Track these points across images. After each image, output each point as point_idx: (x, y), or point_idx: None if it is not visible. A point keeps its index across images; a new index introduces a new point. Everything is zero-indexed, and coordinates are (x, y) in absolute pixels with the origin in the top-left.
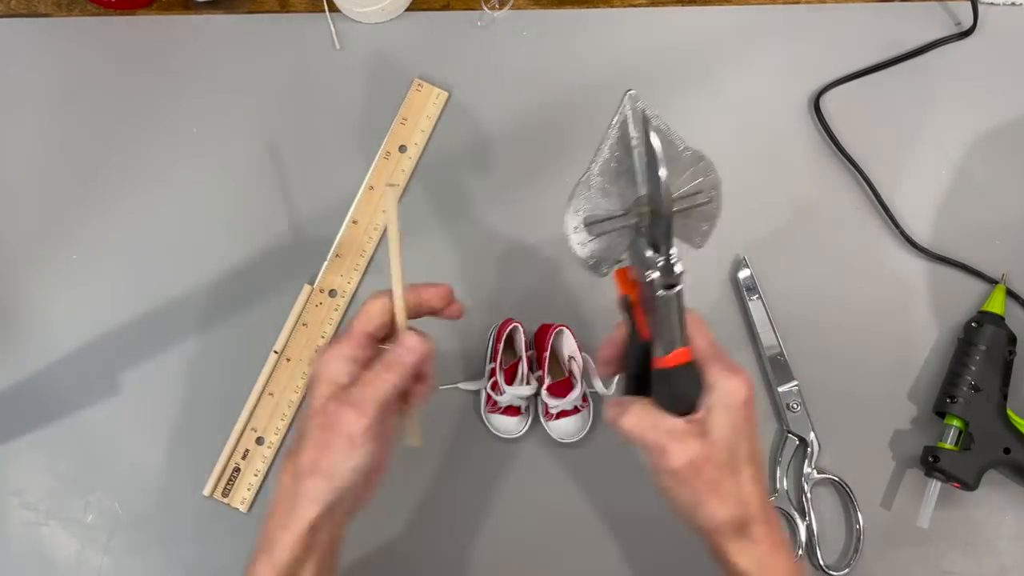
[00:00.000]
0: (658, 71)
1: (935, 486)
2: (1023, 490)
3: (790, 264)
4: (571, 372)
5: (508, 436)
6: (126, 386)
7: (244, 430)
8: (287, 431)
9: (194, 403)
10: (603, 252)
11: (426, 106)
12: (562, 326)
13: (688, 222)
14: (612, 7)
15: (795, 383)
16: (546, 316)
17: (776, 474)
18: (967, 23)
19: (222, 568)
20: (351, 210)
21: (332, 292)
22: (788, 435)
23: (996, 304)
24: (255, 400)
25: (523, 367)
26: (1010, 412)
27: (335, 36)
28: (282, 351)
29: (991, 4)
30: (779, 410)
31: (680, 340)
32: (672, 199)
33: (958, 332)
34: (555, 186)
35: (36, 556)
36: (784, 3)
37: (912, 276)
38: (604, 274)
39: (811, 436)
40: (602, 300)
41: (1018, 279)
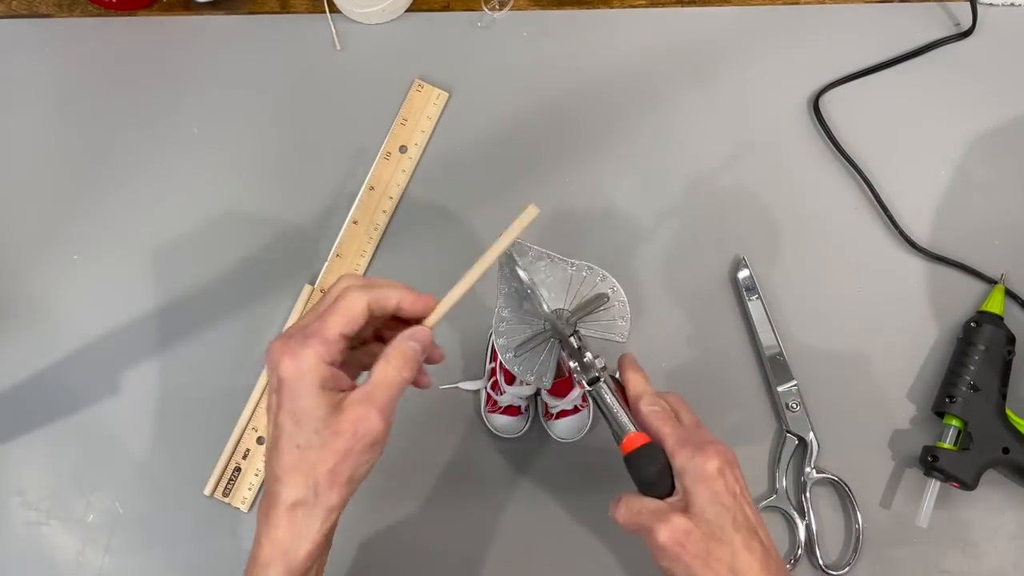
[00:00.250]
0: (658, 71)
1: (934, 486)
2: (1022, 490)
3: (789, 264)
4: (571, 372)
5: (508, 436)
6: (127, 386)
7: (245, 430)
8: None
9: (195, 403)
10: (539, 367)
11: (426, 106)
12: None
13: (600, 322)
14: (612, 7)
15: (794, 383)
16: None
17: (775, 474)
18: (966, 23)
19: (222, 568)
20: (351, 210)
21: None
22: (787, 435)
23: (995, 304)
24: (256, 400)
25: None
26: (1009, 412)
27: (335, 37)
28: None
29: (990, 5)
30: (778, 410)
31: (629, 426)
32: (565, 319)
33: (957, 332)
34: (555, 186)
35: (37, 555)
36: (784, 3)
37: (911, 276)
38: (548, 384)
39: (810, 436)
40: None
41: (1017, 279)
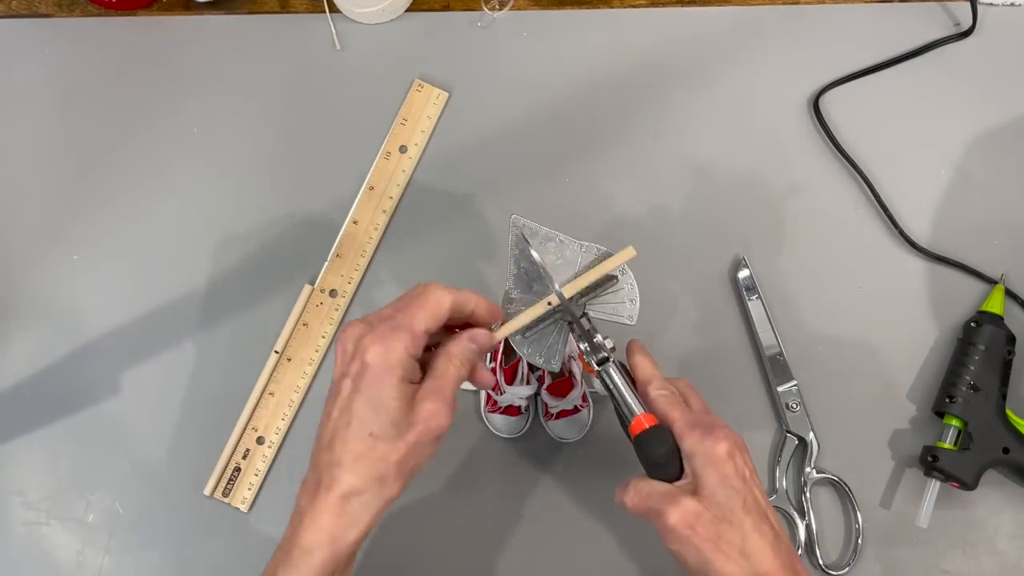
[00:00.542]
0: (658, 71)
1: (934, 486)
2: (1022, 490)
3: (790, 264)
4: (571, 372)
5: (508, 436)
6: (127, 386)
7: (245, 430)
8: (287, 431)
9: (195, 403)
10: (546, 349)
11: (426, 106)
12: None
13: (608, 304)
14: (612, 7)
15: (794, 383)
16: None
17: (775, 474)
18: (966, 23)
19: (222, 568)
20: (351, 210)
21: (333, 292)
22: (787, 435)
23: (995, 304)
24: (256, 400)
25: (523, 367)
26: (1009, 412)
27: (335, 36)
28: (283, 351)
29: (990, 4)
30: (778, 410)
31: (637, 407)
32: (574, 299)
33: (957, 332)
34: (555, 186)
35: (37, 555)
36: (784, 3)
37: (911, 276)
38: (556, 367)
39: (810, 436)
40: None
41: (1017, 279)
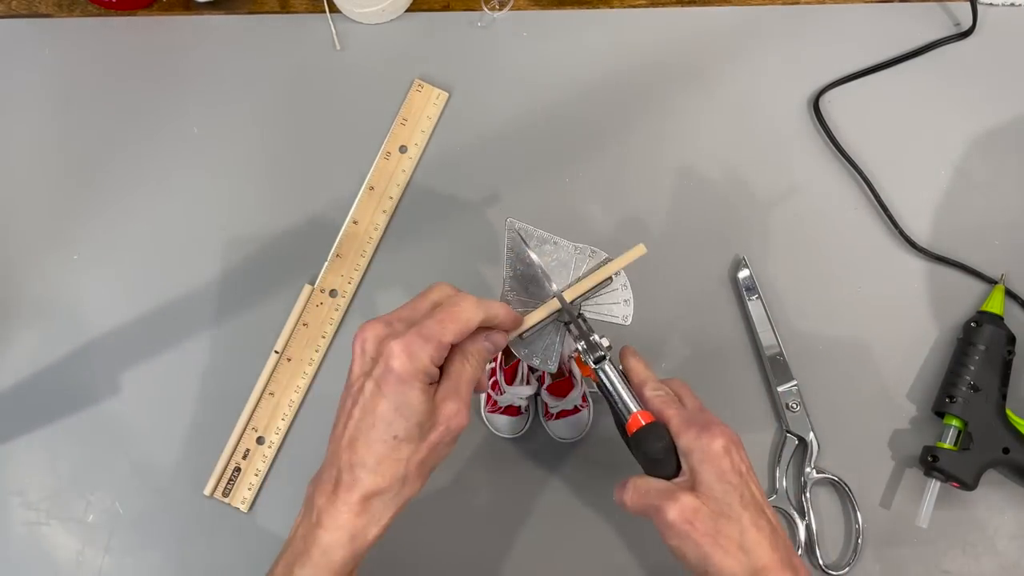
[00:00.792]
0: (658, 71)
1: (934, 486)
2: (1022, 490)
3: (789, 264)
4: (571, 372)
5: (508, 436)
6: (127, 386)
7: (245, 430)
8: (287, 431)
9: (195, 403)
10: (542, 350)
11: (426, 107)
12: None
13: (604, 305)
14: (612, 8)
15: (794, 383)
16: None
17: (775, 474)
18: (966, 23)
19: (222, 568)
20: (351, 210)
21: (333, 292)
22: (787, 435)
23: (995, 304)
24: (256, 400)
25: (523, 367)
26: (1009, 412)
27: (335, 36)
28: (283, 351)
29: (990, 5)
30: (778, 410)
31: (634, 405)
32: (572, 300)
33: (957, 332)
34: (555, 186)
35: (37, 556)
36: (784, 3)
37: (911, 276)
38: (554, 367)
39: (810, 436)
40: None
41: (1017, 279)
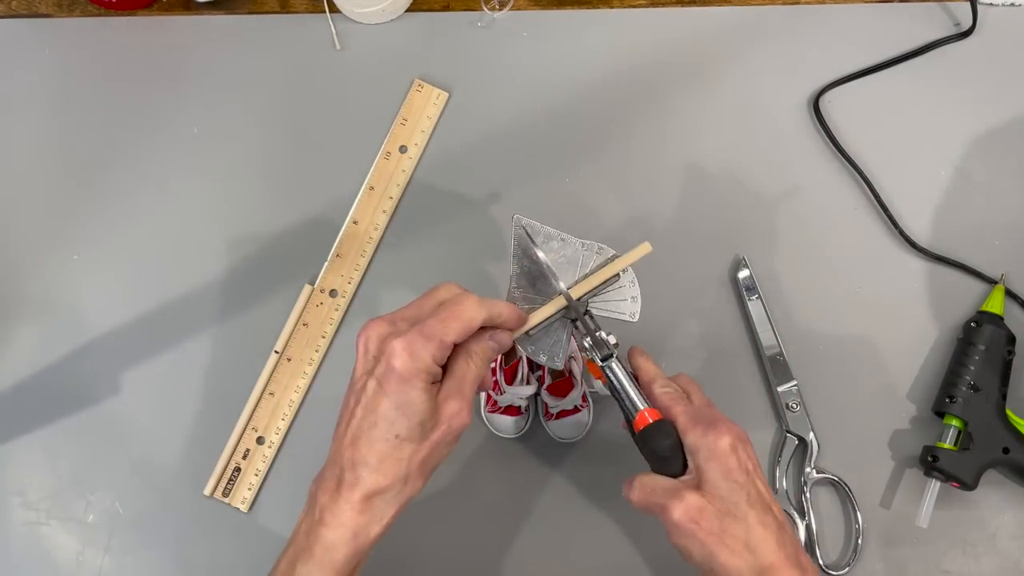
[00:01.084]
0: (658, 71)
1: (934, 486)
2: (1022, 490)
3: (789, 264)
4: (571, 372)
5: (508, 436)
6: (127, 386)
7: (245, 430)
8: (287, 431)
9: (195, 403)
10: (549, 347)
11: (426, 107)
12: None
13: (610, 302)
14: (612, 8)
15: (794, 383)
16: None
17: (775, 474)
18: (966, 23)
19: (222, 568)
20: (351, 210)
21: (333, 292)
22: (787, 435)
23: (995, 304)
24: (256, 400)
25: (523, 367)
26: (1009, 412)
27: (335, 36)
28: (283, 351)
29: (990, 5)
30: (778, 410)
31: (641, 403)
32: (579, 297)
33: (957, 332)
34: (555, 186)
35: (37, 556)
36: (784, 3)
37: (911, 276)
38: (560, 364)
39: (810, 436)
40: None
41: (1017, 279)
